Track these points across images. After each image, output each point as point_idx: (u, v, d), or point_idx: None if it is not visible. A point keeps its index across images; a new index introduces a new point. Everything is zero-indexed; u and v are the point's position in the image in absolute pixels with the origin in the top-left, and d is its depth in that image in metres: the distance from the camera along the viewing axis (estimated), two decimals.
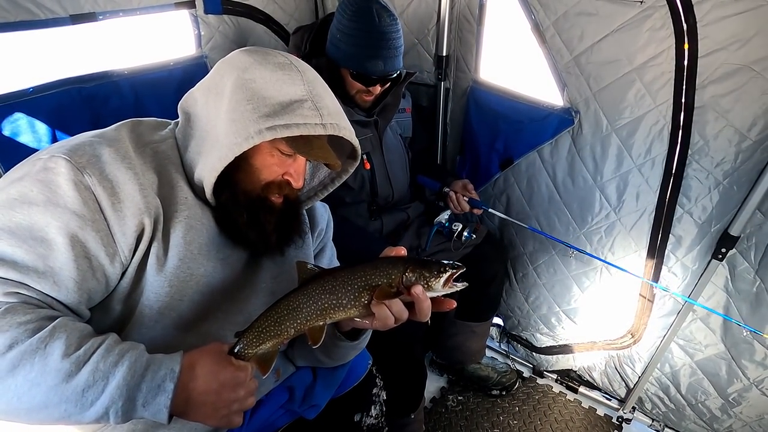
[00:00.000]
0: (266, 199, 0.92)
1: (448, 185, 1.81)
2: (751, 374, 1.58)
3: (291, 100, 0.85)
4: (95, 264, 0.79)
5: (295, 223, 1.01)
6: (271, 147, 0.89)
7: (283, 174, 0.92)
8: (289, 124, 0.83)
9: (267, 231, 0.94)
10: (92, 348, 0.72)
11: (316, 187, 1.12)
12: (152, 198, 0.83)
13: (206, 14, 1.69)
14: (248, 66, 0.87)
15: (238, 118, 0.83)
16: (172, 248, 0.86)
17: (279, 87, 0.86)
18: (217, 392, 0.75)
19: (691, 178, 1.47)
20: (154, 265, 0.84)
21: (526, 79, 1.76)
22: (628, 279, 1.72)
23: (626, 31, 1.40)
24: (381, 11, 1.45)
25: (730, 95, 1.31)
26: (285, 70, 0.87)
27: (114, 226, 0.80)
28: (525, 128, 1.77)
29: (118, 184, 0.80)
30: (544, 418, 1.96)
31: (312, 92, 0.88)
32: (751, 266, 1.46)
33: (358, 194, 1.73)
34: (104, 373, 0.71)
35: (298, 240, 1.03)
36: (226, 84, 0.87)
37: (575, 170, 1.69)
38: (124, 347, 0.75)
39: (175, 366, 0.74)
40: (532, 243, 1.94)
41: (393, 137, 1.80)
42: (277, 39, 1.97)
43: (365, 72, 1.50)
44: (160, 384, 0.72)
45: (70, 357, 0.70)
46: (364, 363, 1.26)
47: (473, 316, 1.96)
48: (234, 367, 0.78)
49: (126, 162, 0.82)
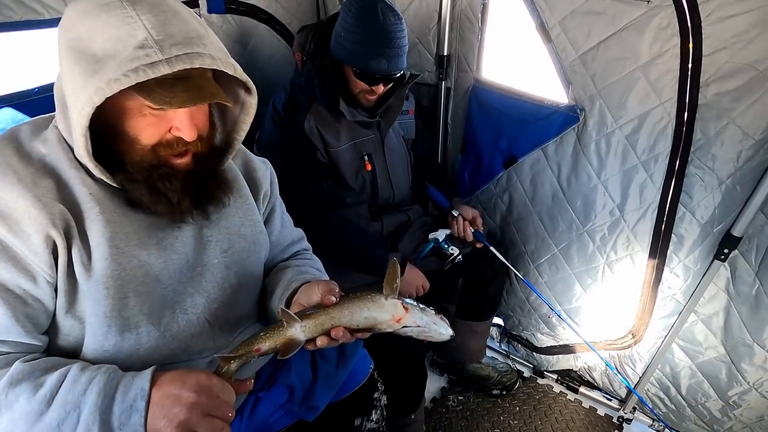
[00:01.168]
0: (162, 165, 0.82)
1: (456, 206, 1.81)
2: (750, 377, 1.58)
3: (122, 43, 0.71)
4: (20, 292, 0.76)
5: (212, 181, 0.91)
6: (139, 106, 0.77)
7: (169, 130, 0.81)
8: (118, 77, 0.69)
9: (172, 198, 0.84)
10: (58, 382, 0.73)
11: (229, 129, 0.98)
12: (53, 207, 0.77)
13: (210, 13, 1.68)
14: (71, 24, 0.75)
15: (75, 87, 0.73)
16: (95, 250, 0.80)
17: (106, 34, 0.72)
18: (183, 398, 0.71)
19: (693, 176, 1.47)
20: (83, 273, 0.79)
21: (529, 78, 1.76)
22: (629, 279, 1.73)
23: (632, 29, 1.41)
24: (386, 10, 1.44)
25: (734, 94, 1.32)
26: (111, 11, 0.72)
27: (21, 250, 0.75)
28: (529, 126, 1.76)
29: (8, 205, 0.74)
30: (545, 418, 1.96)
31: (149, 24, 0.72)
32: (752, 268, 1.46)
33: (358, 195, 1.72)
34: (74, 403, 0.71)
35: (223, 198, 0.93)
36: (62, 52, 0.76)
37: (579, 167, 1.69)
38: (91, 374, 0.74)
39: (144, 384, 0.72)
40: (533, 242, 1.94)
41: (395, 139, 1.80)
42: (280, 38, 1.97)
43: (369, 70, 1.49)
44: (132, 404, 0.71)
45: (36, 396, 0.71)
46: (365, 367, 1.25)
47: (474, 316, 1.95)
48: (203, 373, 0.75)
49: (10, 178, 0.76)
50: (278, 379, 1.12)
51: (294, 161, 1.58)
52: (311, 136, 1.57)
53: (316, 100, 1.56)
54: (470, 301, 1.93)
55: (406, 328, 0.83)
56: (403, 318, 0.82)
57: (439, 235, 1.79)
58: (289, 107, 1.58)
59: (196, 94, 0.76)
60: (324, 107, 1.58)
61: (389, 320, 0.82)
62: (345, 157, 1.64)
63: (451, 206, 1.82)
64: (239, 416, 1.06)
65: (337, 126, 1.61)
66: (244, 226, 1.01)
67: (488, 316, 2.02)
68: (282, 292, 1.01)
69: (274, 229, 1.16)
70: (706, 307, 1.60)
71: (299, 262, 1.17)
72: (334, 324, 0.82)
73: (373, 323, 0.82)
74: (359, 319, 0.82)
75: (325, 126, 1.59)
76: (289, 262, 1.18)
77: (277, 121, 1.59)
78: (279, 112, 1.59)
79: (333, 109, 1.58)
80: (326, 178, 1.66)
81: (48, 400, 0.71)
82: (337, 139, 1.61)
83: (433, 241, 1.79)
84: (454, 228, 1.79)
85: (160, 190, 0.82)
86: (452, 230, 1.79)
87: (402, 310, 0.82)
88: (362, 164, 1.69)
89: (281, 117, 1.58)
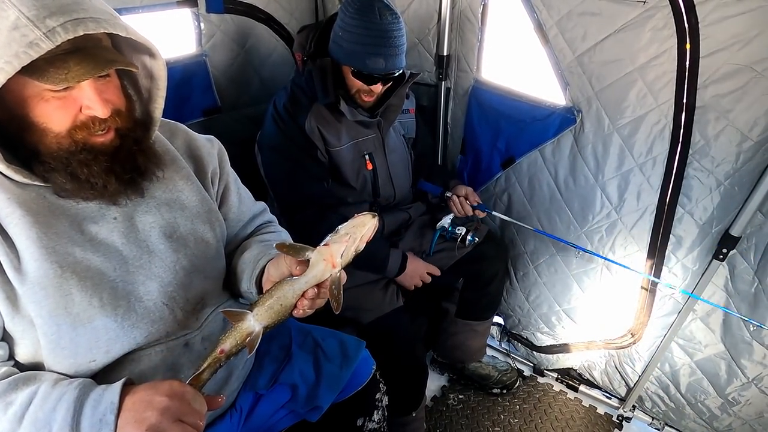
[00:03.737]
0: (83, 149, 0.78)
1: (450, 189, 1.82)
2: (750, 373, 1.59)
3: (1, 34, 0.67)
4: None
5: (141, 154, 0.86)
6: (39, 91, 0.73)
7: (81, 109, 0.77)
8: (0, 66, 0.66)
9: (96, 183, 0.80)
10: (28, 399, 0.73)
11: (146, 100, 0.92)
12: None
13: (208, 13, 1.69)
14: None
15: None
16: (24, 252, 0.76)
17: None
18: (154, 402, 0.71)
19: (691, 178, 1.47)
20: (16, 278, 0.76)
21: (528, 79, 1.76)
22: (628, 278, 1.73)
23: (629, 30, 1.40)
24: (383, 9, 1.44)
25: (732, 95, 1.31)
26: None
27: None
28: (527, 127, 1.77)
29: None
30: (545, 417, 1.97)
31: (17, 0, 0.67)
32: (750, 267, 1.46)
33: (360, 194, 1.73)
34: (45, 420, 0.72)
35: (156, 171, 0.89)
36: None
37: (577, 169, 1.69)
38: (61, 390, 0.75)
39: (114, 398, 0.72)
40: (533, 242, 1.95)
41: (396, 138, 1.80)
42: (278, 38, 1.98)
43: (366, 70, 1.49)
44: (101, 418, 0.71)
45: (7, 415, 0.71)
46: (368, 368, 1.26)
47: (474, 315, 1.96)
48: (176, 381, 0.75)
49: None
50: (281, 378, 1.13)
51: (295, 161, 1.59)
52: (312, 136, 1.58)
53: (316, 100, 1.57)
54: (470, 301, 1.94)
55: (347, 256, 0.82)
56: (333, 253, 0.80)
57: (445, 222, 1.81)
58: (290, 107, 1.58)
59: (91, 64, 0.71)
60: (325, 107, 1.58)
61: (325, 266, 0.80)
62: (346, 157, 1.65)
63: (444, 190, 1.83)
64: (237, 413, 1.06)
65: (338, 126, 1.62)
66: (187, 208, 0.97)
67: (488, 316, 2.03)
68: (251, 272, 0.99)
69: (232, 206, 1.12)
70: (705, 305, 1.61)
71: (262, 237, 1.15)
72: (283, 303, 0.81)
73: (318, 278, 0.81)
74: (302, 285, 0.81)
75: (325, 126, 1.59)
76: (252, 239, 1.14)
77: (278, 120, 1.59)
78: (280, 112, 1.59)
79: (333, 109, 1.58)
80: (327, 178, 1.66)
81: (19, 418, 0.71)
82: (338, 139, 1.62)
83: (440, 228, 1.81)
84: (454, 209, 1.80)
85: (80, 176, 0.79)
86: (453, 212, 1.80)
87: (327, 250, 0.80)
88: (363, 163, 1.69)
89: (282, 117, 1.58)
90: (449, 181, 1.86)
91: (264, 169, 1.66)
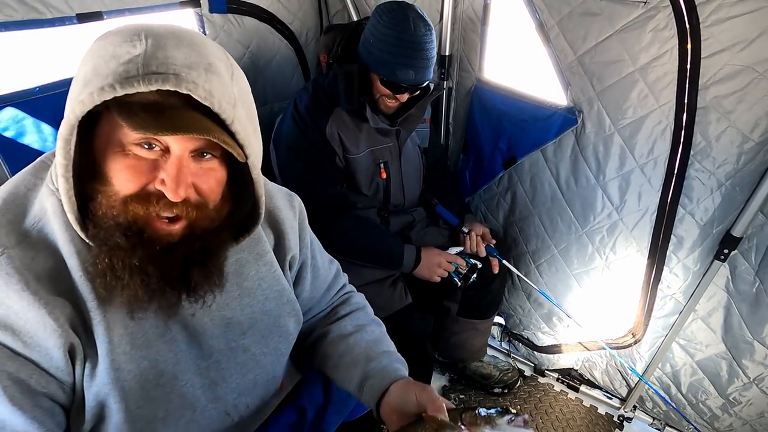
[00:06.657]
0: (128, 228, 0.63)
1: (465, 222, 1.82)
2: (751, 373, 1.58)
3: (115, 60, 0.59)
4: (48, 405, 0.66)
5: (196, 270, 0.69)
6: (125, 141, 0.62)
7: (152, 181, 0.63)
8: (92, 91, 0.57)
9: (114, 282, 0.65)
10: None
11: None
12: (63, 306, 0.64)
13: (211, 13, 1.69)
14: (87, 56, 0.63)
15: None
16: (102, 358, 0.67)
17: (103, 51, 0.60)
18: None
19: (693, 178, 1.47)
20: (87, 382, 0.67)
21: (529, 79, 1.76)
22: (628, 279, 1.73)
23: (630, 31, 1.40)
24: (417, 20, 1.43)
25: (733, 96, 1.31)
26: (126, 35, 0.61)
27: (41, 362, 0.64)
28: (529, 127, 1.77)
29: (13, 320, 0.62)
30: (546, 417, 1.97)
31: (152, 43, 0.59)
32: (752, 267, 1.46)
33: (370, 201, 1.74)
34: None
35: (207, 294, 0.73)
36: None
37: (578, 169, 1.69)
38: None
39: None
40: (535, 242, 1.95)
41: (412, 148, 1.80)
42: (281, 38, 1.98)
43: (396, 80, 1.48)
44: None
45: None
46: None
47: (476, 314, 1.97)
48: None
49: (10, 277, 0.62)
50: (287, 399, 1.07)
51: (312, 164, 1.59)
52: (332, 141, 1.58)
53: (338, 104, 1.56)
54: (472, 299, 1.94)
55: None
56: None
57: (455, 254, 1.75)
58: (312, 109, 1.57)
59: (185, 123, 0.59)
60: (347, 113, 1.58)
61: None
62: (362, 164, 1.65)
63: (460, 223, 1.82)
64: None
65: (358, 133, 1.61)
66: (268, 300, 0.85)
67: (490, 314, 2.03)
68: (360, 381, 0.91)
69: (305, 286, 1.00)
70: (706, 305, 1.61)
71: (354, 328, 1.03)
72: None
73: None
74: None
75: (345, 132, 1.59)
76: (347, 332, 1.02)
77: (299, 122, 1.58)
78: (301, 113, 1.58)
79: (354, 115, 1.58)
80: (342, 182, 1.67)
81: None
82: (356, 146, 1.62)
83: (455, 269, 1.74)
84: (466, 244, 1.78)
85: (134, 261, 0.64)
86: (464, 247, 1.78)
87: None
88: (377, 171, 1.69)
89: (303, 118, 1.58)
90: (465, 215, 1.87)
91: (278, 169, 1.67)
